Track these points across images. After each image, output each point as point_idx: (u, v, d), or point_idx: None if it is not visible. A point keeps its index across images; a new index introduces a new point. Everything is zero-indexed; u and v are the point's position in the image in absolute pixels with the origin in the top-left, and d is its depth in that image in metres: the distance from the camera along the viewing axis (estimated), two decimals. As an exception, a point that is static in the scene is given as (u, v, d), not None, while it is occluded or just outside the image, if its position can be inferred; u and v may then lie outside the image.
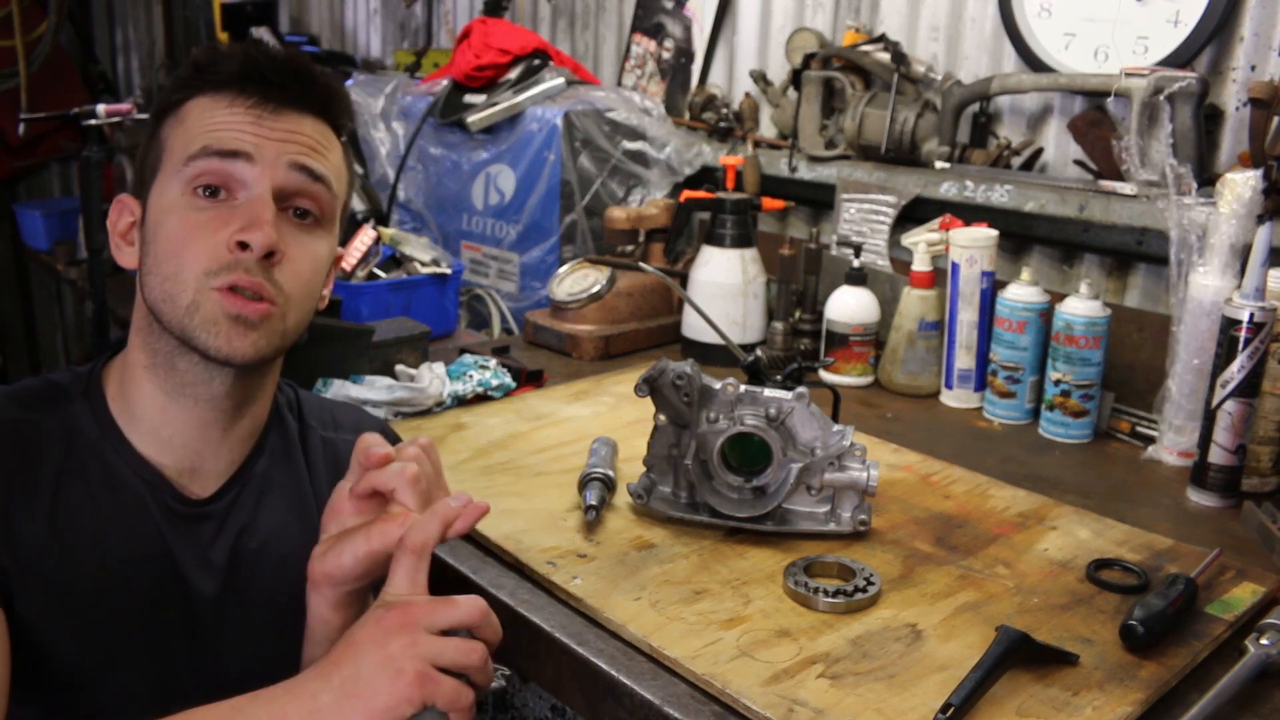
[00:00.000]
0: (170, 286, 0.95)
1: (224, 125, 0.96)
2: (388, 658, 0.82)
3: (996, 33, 1.96)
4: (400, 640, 0.82)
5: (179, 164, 0.97)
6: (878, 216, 2.02)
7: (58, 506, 0.95)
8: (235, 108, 0.97)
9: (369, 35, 3.59)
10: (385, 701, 0.81)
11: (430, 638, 0.83)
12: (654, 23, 2.58)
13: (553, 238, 2.28)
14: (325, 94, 1.02)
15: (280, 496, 1.07)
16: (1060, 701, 0.96)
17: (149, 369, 1.00)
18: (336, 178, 1.02)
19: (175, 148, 0.98)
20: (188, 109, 0.99)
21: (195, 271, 0.94)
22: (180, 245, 0.95)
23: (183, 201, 0.96)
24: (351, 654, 0.83)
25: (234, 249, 0.94)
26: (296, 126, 0.99)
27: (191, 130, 0.97)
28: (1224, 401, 1.39)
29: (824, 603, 1.09)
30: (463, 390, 1.63)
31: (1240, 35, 1.68)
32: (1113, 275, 1.84)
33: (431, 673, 0.82)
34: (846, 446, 1.24)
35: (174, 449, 1.01)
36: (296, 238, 0.99)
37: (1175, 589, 1.09)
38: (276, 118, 0.98)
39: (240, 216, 0.95)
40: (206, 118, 0.97)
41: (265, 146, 0.96)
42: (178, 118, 0.99)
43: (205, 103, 0.98)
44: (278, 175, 0.97)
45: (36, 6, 3.95)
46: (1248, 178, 1.45)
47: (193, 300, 0.94)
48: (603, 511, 1.27)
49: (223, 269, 0.94)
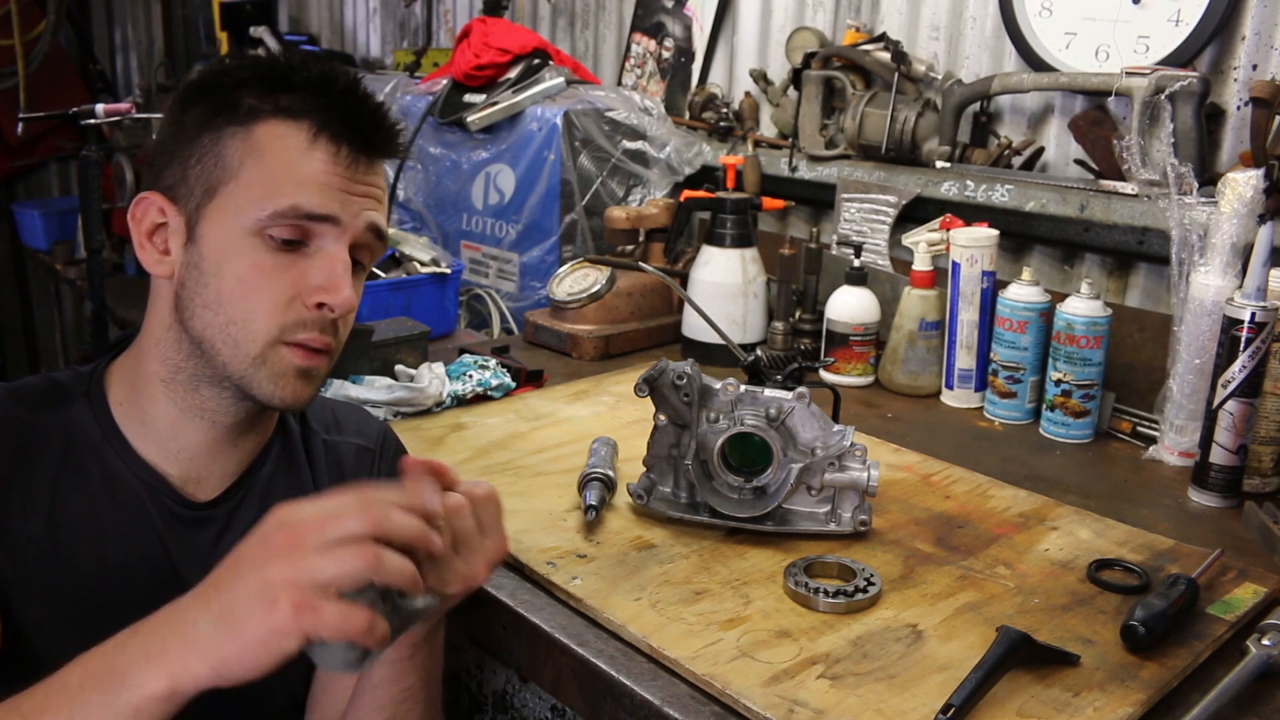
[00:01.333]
0: (237, 332, 0.93)
1: (313, 179, 0.93)
2: (265, 583, 0.72)
3: (997, 32, 1.96)
4: (280, 564, 0.72)
5: (257, 207, 0.92)
6: (878, 216, 2.02)
7: (56, 508, 0.95)
8: (324, 154, 0.93)
9: (368, 34, 3.58)
10: (259, 632, 0.71)
11: (313, 559, 0.72)
12: (654, 22, 2.57)
13: (552, 237, 2.27)
14: (395, 139, 1.00)
15: (283, 500, 1.06)
16: (1061, 702, 0.95)
17: (166, 383, 0.98)
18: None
19: (251, 183, 0.93)
20: (263, 135, 0.93)
21: (269, 325, 0.93)
22: (252, 290, 0.93)
23: (254, 243, 0.93)
24: (230, 577, 0.74)
25: (313, 308, 0.94)
26: (375, 179, 0.98)
27: (275, 173, 0.92)
28: (1225, 401, 1.39)
29: (824, 603, 1.09)
30: (462, 390, 1.63)
31: (1242, 34, 1.68)
32: (1114, 275, 1.84)
33: (311, 601, 0.71)
34: (847, 446, 1.24)
35: (181, 460, 1.00)
36: (354, 284, 0.98)
37: (1176, 589, 1.08)
38: (364, 168, 0.96)
39: (318, 272, 0.94)
40: (292, 163, 0.93)
41: (350, 204, 0.95)
42: (250, 141, 0.93)
43: (285, 135, 0.93)
44: (357, 234, 0.96)
45: (35, 5, 3.95)
46: (1249, 177, 1.45)
47: (261, 353, 0.93)
48: (603, 512, 1.27)
49: (298, 326, 0.94)
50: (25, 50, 3.75)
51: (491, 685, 1.23)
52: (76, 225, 3.15)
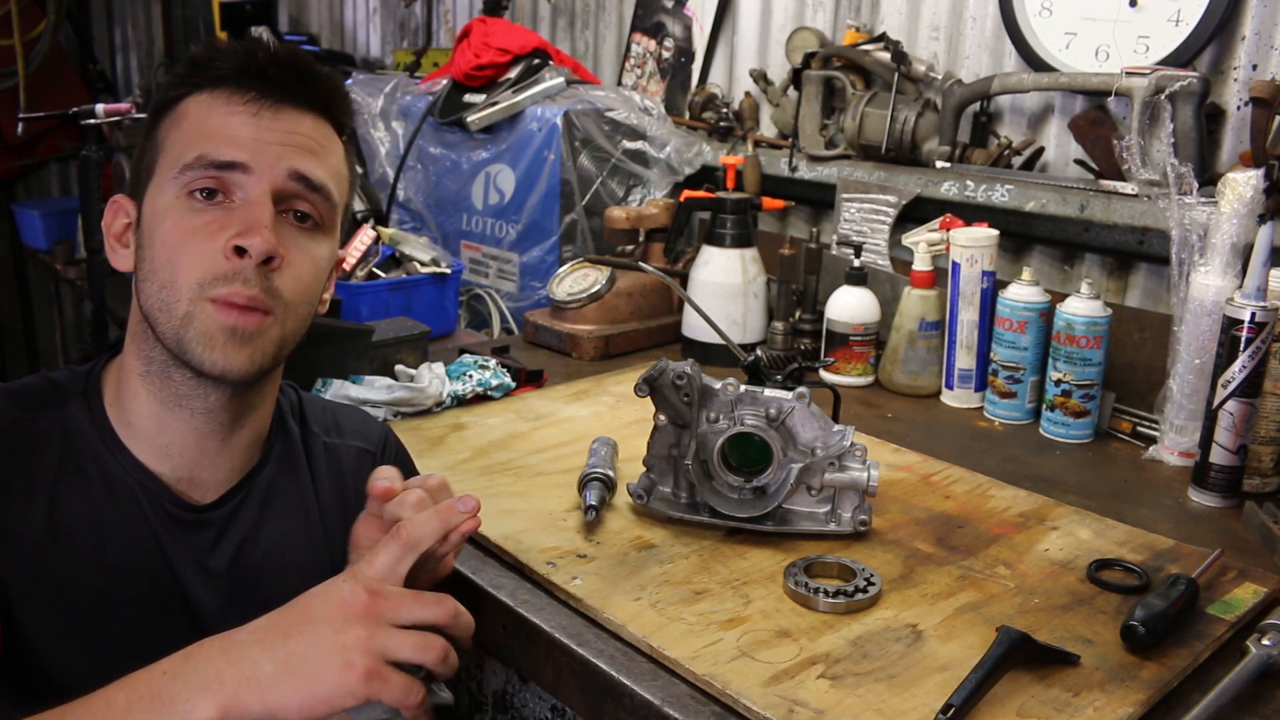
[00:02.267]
0: (166, 295, 0.92)
1: (221, 129, 0.94)
2: (341, 645, 0.79)
3: (997, 32, 1.96)
4: (358, 630, 0.80)
5: (174, 169, 0.94)
6: (878, 216, 2.02)
7: (56, 509, 0.94)
8: (233, 105, 0.94)
9: (368, 34, 3.58)
10: (328, 690, 0.78)
11: (389, 631, 0.80)
12: (654, 22, 2.57)
13: (552, 237, 2.27)
14: (327, 91, 1.00)
15: (284, 505, 1.06)
16: (1061, 702, 0.95)
17: (143, 377, 0.98)
18: (336, 182, 1.00)
19: (171, 150, 0.95)
20: (185, 107, 0.96)
21: (190, 280, 0.91)
22: (175, 251, 0.92)
23: (178, 204, 0.93)
24: (305, 630, 0.80)
25: (231, 255, 0.91)
26: (296, 126, 0.96)
27: (188, 134, 0.95)
28: (1225, 401, 1.39)
29: (824, 603, 1.09)
30: (462, 390, 1.63)
31: (1242, 34, 1.68)
32: (1114, 275, 1.84)
33: (383, 669, 0.79)
34: (847, 446, 1.24)
35: (171, 457, 0.99)
36: (296, 241, 0.96)
37: (1176, 589, 1.08)
38: (276, 116, 0.95)
39: (237, 220, 0.92)
40: (203, 119, 0.94)
41: (263, 151, 0.94)
42: (174, 117, 0.97)
43: (203, 101, 0.96)
44: (276, 180, 0.94)
45: (35, 5, 3.95)
46: (1249, 177, 1.45)
47: (187, 312, 0.92)
48: (603, 512, 1.27)
49: (219, 279, 0.91)
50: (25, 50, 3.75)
51: (491, 685, 1.23)
52: (77, 225, 3.15)
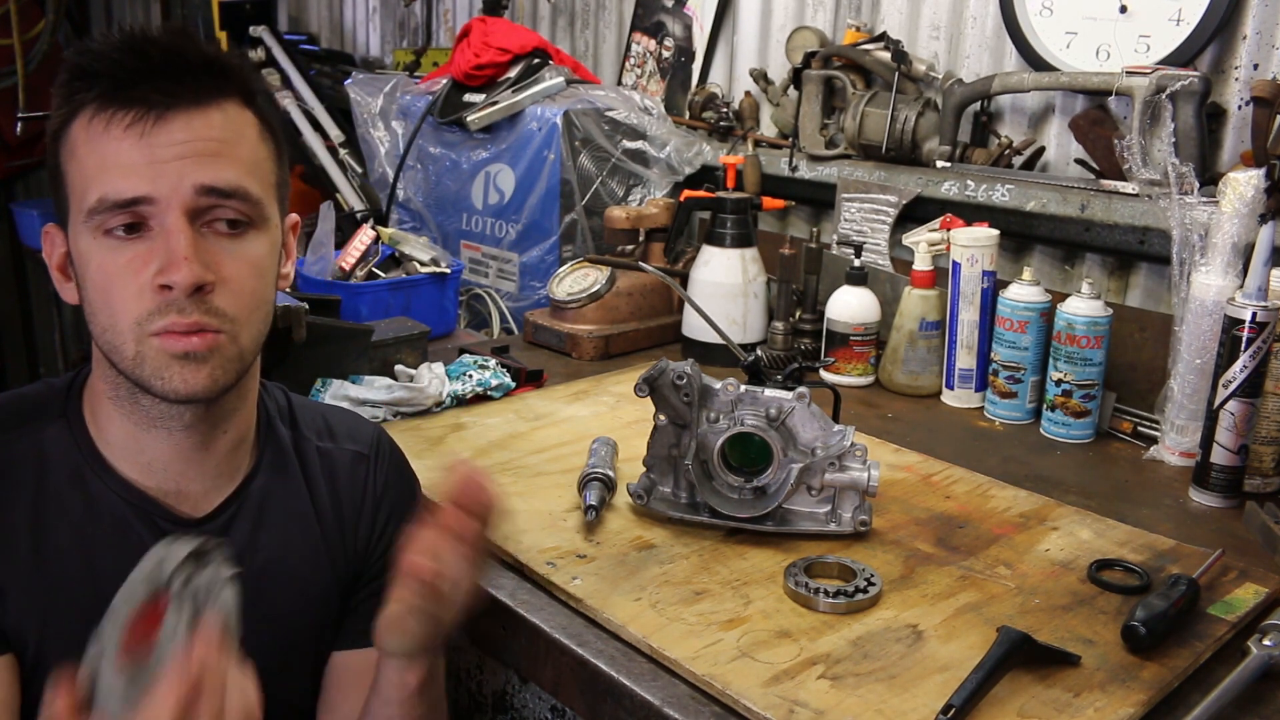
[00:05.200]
0: (110, 337, 0.90)
1: (111, 161, 0.87)
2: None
3: (998, 31, 1.95)
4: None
5: (82, 214, 0.88)
6: (878, 216, 2.02)
7: (42, 543, 0.92)
8: (116, 129, 0.87)
9: (368, 34, 3.58)
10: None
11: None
12: (654, 21, 2.57)
13: (552, 237, 2.27)
14: (213, 75, 0.90)
15: (280, 512, 1.05)
16: (1062, 702, 0.95)
17: (114, 400, 0.95)
18: (254, 173, 0.92)
19: (75, 187, 0.90)
20: (73, 135, 0.89)
21: (128, 322, 0.88)
22: (107, 294, 0.89)
23: (98, 245, 0.89)
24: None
25: (158, 291, 0.87)
26: (189, 132, 0.88)
27: (84, 169, 0.88)
28: (1226, 401, 1.39)
29: (824, 603, 1.09)
30: (462, 390, 1.62)
31: (1243, 33, 1.67)
32: (1114, 275, 1.83)
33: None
34: (847, 447, 1.23)
35: (155, 473, 0.97)
36: (227, 250, 0.91)
37: (1177, 590, 1.08)
38: (164, 128, 0.87)
39: (158, 253, 0.87)
40: (92, 150, 0.88)
41: (162, 175, 0.87)
42: (68, 146, 0.90)
43: (88, 125, 0.88)
44: (185, 201, 0.88)
45: (34, 5, 3.95)
46: (1250, 177, 1.44)
47: (136, 351, 0.89)
48: (602, 512, 1.26)
49: (154, 314, 0.88)
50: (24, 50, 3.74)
51: (491, 685, 1.23)
52: (76, 225, 3.13)
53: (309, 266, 2.04)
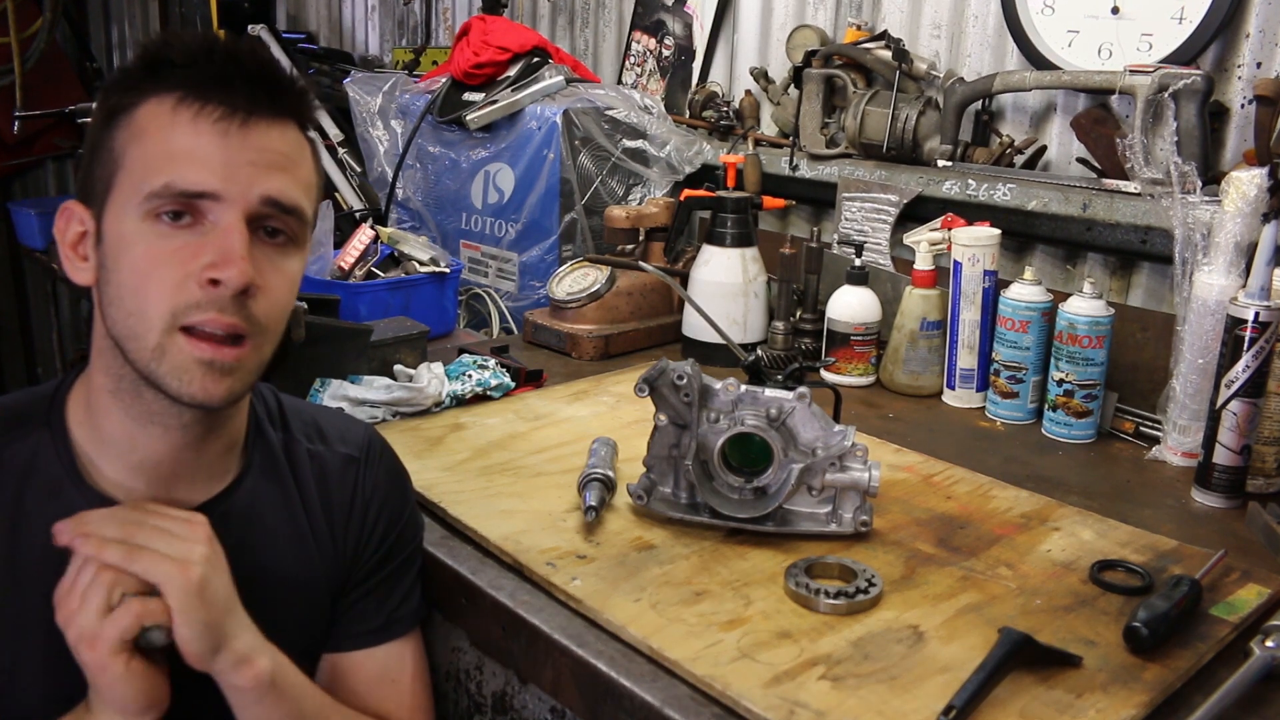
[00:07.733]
0: (134, 323, 0.88)
1: (187, 152, 0.87)
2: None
3: (999, 30, 1.95)
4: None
5: (138, 194, 0.88)
6: (879, 215, 2.02)
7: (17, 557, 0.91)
8: (199, 122, 0.88)
9: (367, 32, 3.58)
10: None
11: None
12: (654, 20, 2.57)
13: (552, 237, 2.27)
14: (295, 98, 0.93)
15: (270, 515, 1.04)
16: (1063, 704, 0.95)
17: (113, 394, 0.94)
18: (308, 195, 0.95)
19: (133, 168, 0.89)
20: (142, 116, 0.89)
21: (162, 309, 0.87)
22: (144, 278, 0.88)
23: (144, 229, 0.88)
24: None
25: (205, 285, 0.87)
26: (265, 142, 0.90)
27: (150, 153, 0.88)
28: (1229, 401, 1.38)
29: (825, 604, 1.08)
30: (461, 390, 1.62)
31: (1246, 32, 1.67)
32: (1116, 274, 1.83)
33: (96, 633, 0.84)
34: (848, 447, 1.23)
35: (145, 472, 0.96)
36: (271, 261, 0.92)
37: (1179, 590, 1.08)
38: (244, 134, 0.89)
39: (211, 248, 0.87)
40: (166, 137, 0.88)
41: (234, 177, 0.88)
42: (132, 127, 0.90)
43: (162, 110, 0.89)
44: (249, 206, 0.89)
45: (32, 3, 3.95)
46: (1253, 176, 1.44)
47: (159, 344, 0.88)
48: (602, 512, 1.26)
49: (194, 307, 0.87)
50: (21, 48, 3.74)
51: (491, 686, 1.22)
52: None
53: (308, 266, 2.04)
